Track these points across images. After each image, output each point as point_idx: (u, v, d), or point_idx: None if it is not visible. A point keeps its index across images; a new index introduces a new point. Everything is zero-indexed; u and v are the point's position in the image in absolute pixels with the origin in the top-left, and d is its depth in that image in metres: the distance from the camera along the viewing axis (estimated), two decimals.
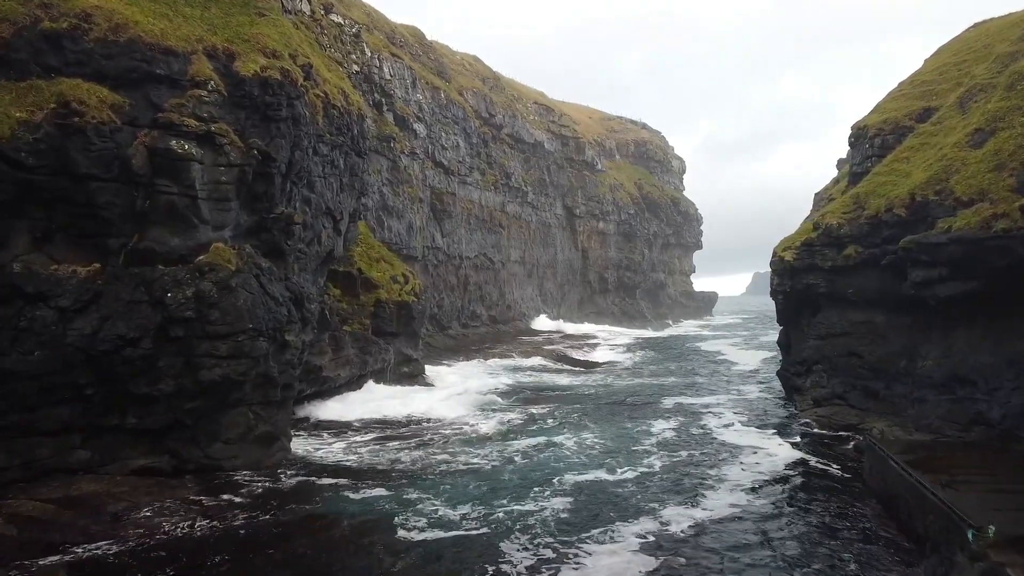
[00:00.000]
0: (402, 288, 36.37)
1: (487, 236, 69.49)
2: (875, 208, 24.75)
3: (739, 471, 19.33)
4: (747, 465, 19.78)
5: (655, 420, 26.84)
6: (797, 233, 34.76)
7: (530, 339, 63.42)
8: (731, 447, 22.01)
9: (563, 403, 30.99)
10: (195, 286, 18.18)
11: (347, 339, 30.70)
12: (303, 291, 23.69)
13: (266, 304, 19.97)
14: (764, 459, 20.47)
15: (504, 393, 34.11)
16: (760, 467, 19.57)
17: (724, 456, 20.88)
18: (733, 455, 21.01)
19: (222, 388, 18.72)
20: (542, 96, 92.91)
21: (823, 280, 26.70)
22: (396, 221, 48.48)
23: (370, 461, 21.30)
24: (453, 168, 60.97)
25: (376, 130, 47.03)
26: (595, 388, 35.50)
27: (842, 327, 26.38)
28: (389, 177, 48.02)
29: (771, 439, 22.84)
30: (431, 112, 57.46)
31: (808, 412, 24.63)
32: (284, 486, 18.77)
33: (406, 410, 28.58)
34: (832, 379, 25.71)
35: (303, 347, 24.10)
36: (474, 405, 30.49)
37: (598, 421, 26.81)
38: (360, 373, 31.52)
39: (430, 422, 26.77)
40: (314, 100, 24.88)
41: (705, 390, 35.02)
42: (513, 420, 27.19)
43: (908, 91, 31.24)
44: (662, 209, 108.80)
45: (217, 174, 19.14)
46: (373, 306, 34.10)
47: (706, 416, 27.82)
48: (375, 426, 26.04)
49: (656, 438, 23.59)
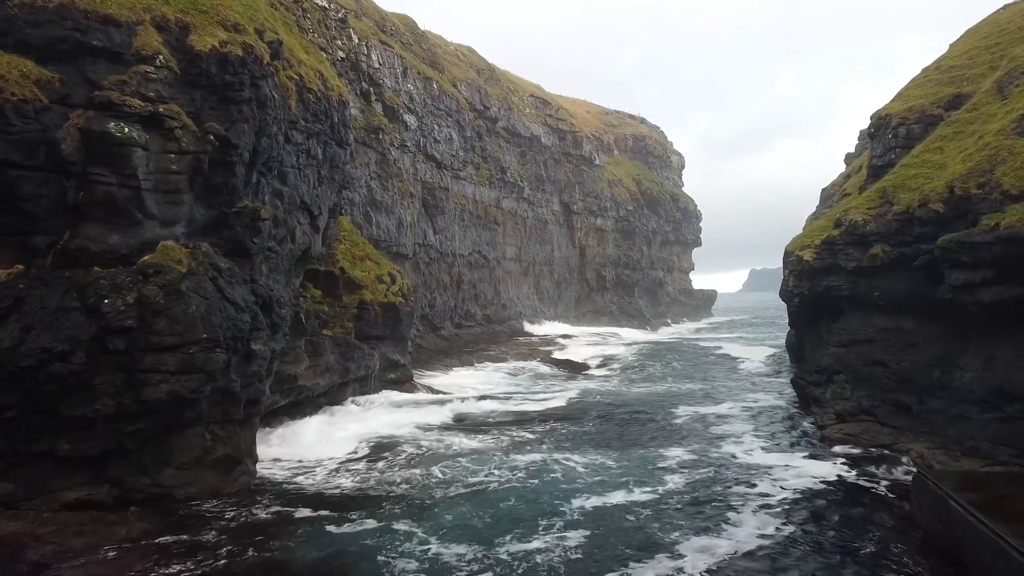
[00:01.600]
0: (388, 288, 33.99)
1: (481, 233, 67.09)
2: (906, 203, 22.43)
3: (765, 498, 17.01)
4: (773, 492, 17.42)
5: (666, 434, 24.44)
6: (814, 230, 32.46)
7: (526, 340, 61.13)
8: (753, 468, 19.68)
9: (566, 414, 28.49)
10: (138, 291, 15.76)
11: (327, 344, 28.30)
12: (273, 294, 21.29)
13: (224, 310, 17.56)
14: (792, 482, 18.14)
15: (500, 400, 31.75)
16: (788, 494, 17.22)
17: (746, 479, 18.55)
18: (756, 477, 18.69)
19: (170, 407, 16.33)
20: (538, 89, 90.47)
21: (846, 282, 24.38)
22: (385, 217, 46.06)
23: (355, 486, 18.92)
24: (446, 162, 58.52)
25: (364, 121, 44.61)
26: (598, 396, 33.07)
27: (866, 334, 24.08)
28: (377, 171, 45.58)
29: (796, 459, 20.49)
30: (423, 103, 54.99)
31: (833, 428, 22.31)
32: (252, 520, 16.37)
33: (394, 423, 26.20)
34: (856, 391, 23.40)
35: (273, 356, 21.75)
36: (468, 416, 28.12)
37: (605, 435, 24.42)
38: (342, 381, 29.14)
39: (421, 437, 24.35)
40: (285, 82, 22.47)
41: (713, 399, 32.70)
42: (512, 434, 24.76)
43: (934, 77, 28.92)
44: (661, 205, 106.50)
45: (166, 162, 16.71)
46: (357, 308, 31.72)
47: (720, 429, 25.48)
48: (359, 443, 23.62)
49: (669, 455, 21.23)
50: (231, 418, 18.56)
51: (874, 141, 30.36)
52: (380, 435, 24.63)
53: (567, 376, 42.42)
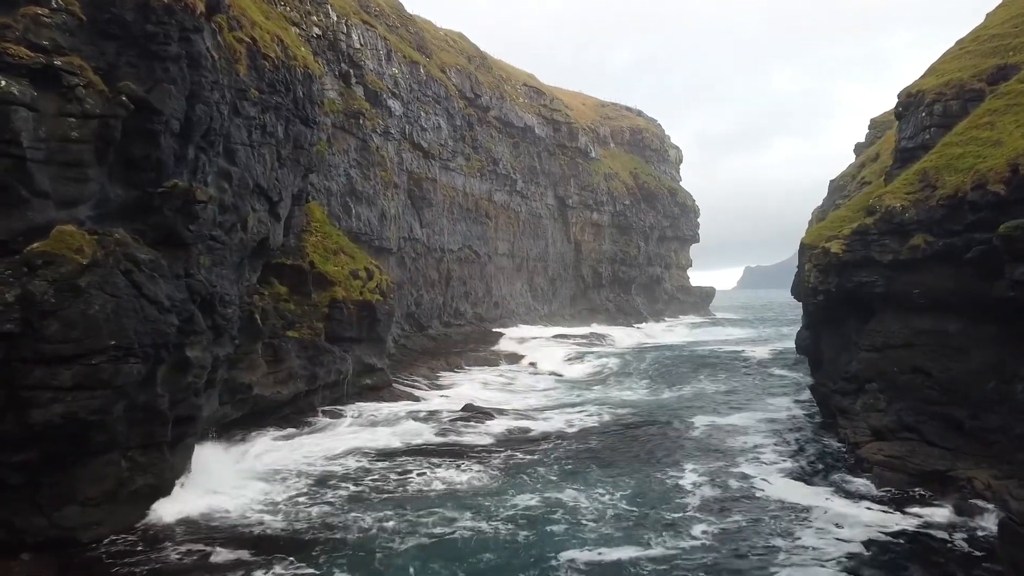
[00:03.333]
0: (364, 285, 30.79)
1: (472, 227, 63.87)
2: (954, 186, 19.37)
3: (807, 551, 13.88)
4: (821, 547, 14.05)
5: (680, 461, 20.74)
6: (835, 221, 29.39)
7: (519, 342, 57.94)
8: (788, 508, 16.40)
9: (564, 435, 24.69)
10: (21, 287, 12.57)
11: (291, 348, 25.13)
12: (216, 291, 18.12)
13: (142, 311, 14.37)
14: (842, 532, 14.89)
15: (487, 412, 28.50)
16: (841, 550, 13.88)
17: (785, 527, 15.24)
18: (796, 523, 15.45)
19: (68, 431, 13.16)
20: (532, 79, 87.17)
21: (880, 277, 21.33)
22: (366, 208, 42.82)
23: (293, 522, 15.77)
24: (434, 151, 55.27)
25: (343, 104, 41.36)
26: (599, 411, 29.64)
27: (904, 336, 21.03)
28: (358, 158, 42.33)
29: (836, 495, 17.28)
30: (408, 88, 51.71)
31: (870, 447, 19.21)
32: (160, 566, 13.29)
33: (359, 442, 22.98)
34: (894, 403, 20.33)
35: (218, 364, 18.58)
36: (449, 433, 24.76)
37: (611, 465, 20.54)
38: (308, 389, 25.99)
39: (388, 461, 20.99)
40: (232, 43, 19.25)
41: (728, 407, 29.60)
42: (501, 458, 21.29)
43: (972, 48, 25.86)
44: (659, 200, 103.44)
45: (64, 128, 13.49)
46: (328, 307, 28.51)
47: (737, 444, 22.36)
48: (310, 466, 20.40)
49: (686, 490, 17.81)
50: (156, 441, 15.40)
51: (902, 122, 27.27)
52: (341, 457, 21.26)
53: (566, 385, 39.16)
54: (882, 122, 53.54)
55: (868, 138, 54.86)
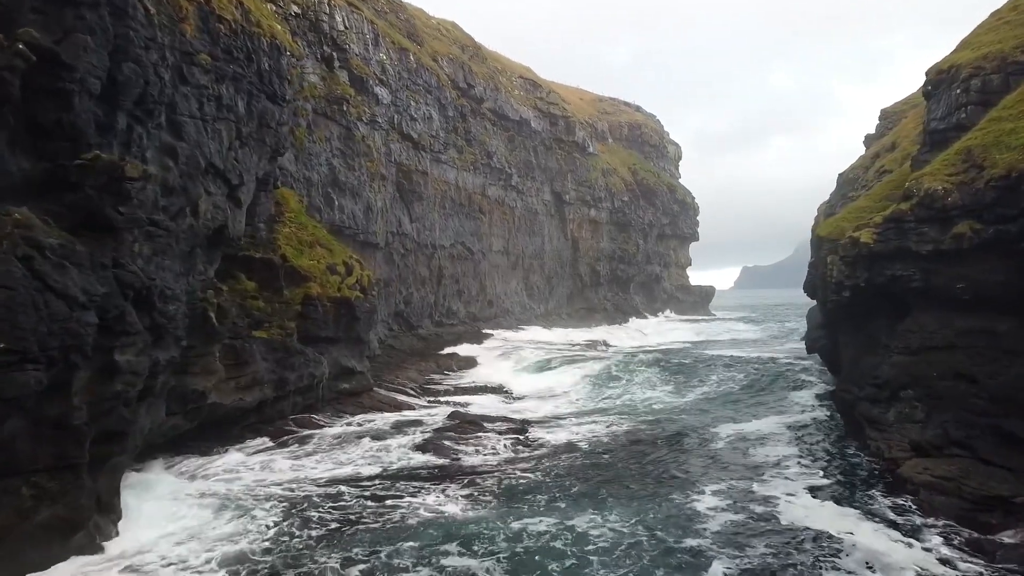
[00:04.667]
0: (343, 280, 28.25)
1: (465, 222, 61.32)
2: (1006, 165, 16.88)
3: None
4: None
5: (697, 479, 18.21)
6: (854, 211, 26.97)
7: (514, 343, 55.45)
8: (816, 536, 13.92)
9: (568, 448, 21.88)
10: None
11: (256, 350, 22.58)
12: (154, 285, 15.58)
13: (47, 307, 11.83)
14: (877, 559, 12.54)
15: (476, 427, 25.84)
16: None
17: (810, 555, 12.87)
18: (823, 553, 13.05)
19: None
20: (528, 71, 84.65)
21: (918, 270, 18.83)
22: (350, 200, 40.26)
23: (241, 565, 13.23)
24: (424, 142, 52.71)
25: (324, 89, 38.82)
26: (602, 416, 27.12)
27: (945, 337, 18.54)
28: (341, 147, 39.76)
29: (870, 517, 14.84)
30: (397, 76, 49.16)
31: (912, 465, 16.71)
32: None
33: (327, 462, 20.33)
34: (936, 413, 17.83)
35: (158, 369, 16.04)
36: (434, 450, 21.74)
37: (622, 485, 17.79)
38: (276, 395, 23.46)
39: (361, 485, 18.16)
40: None
41: (744, 411, 27.12)
42: (496, 480, 18.36)
43: (1012, 18, 23.42)
44: (658, 196, 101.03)
45: None
46: (300, 304, 25.96)
47: (761, 466, 19.65)
48: (269, 491, 17.76)
49: (706, 516, 15.26)
50: (70, 462, 12.85)
51: (932, 101, 24.80)
52: (308, 481, 18.44)
53: (567, 394, 36.60)
54: (893, 112, 51.50)
55: (879, 129, 52.68)
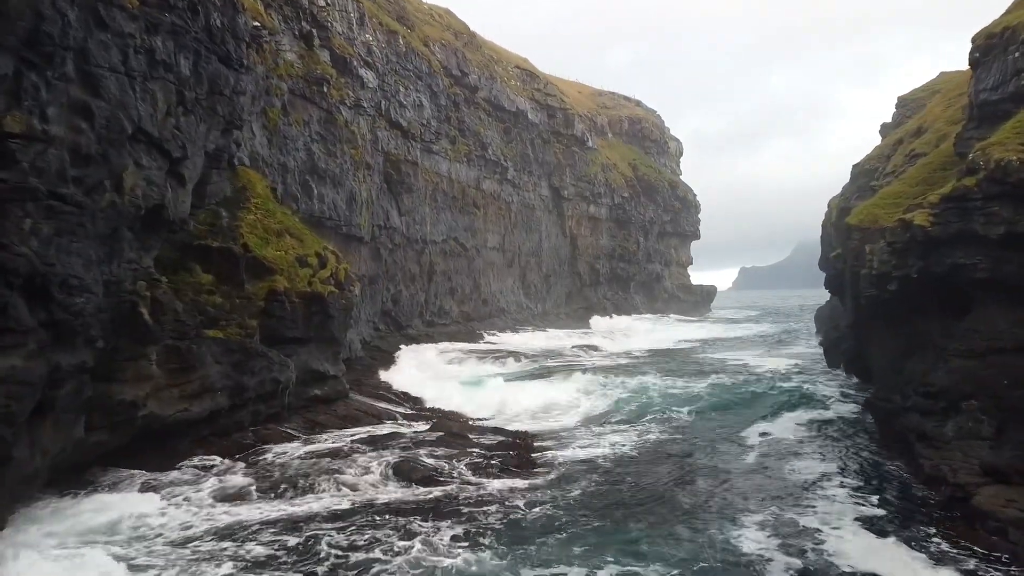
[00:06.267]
0: (315, 274, 25.20)
1: (458, 217, 58.32)
2: None
3: None
4: None
5: (733, 511, 14.86)
6: (891, 196, 24.03)
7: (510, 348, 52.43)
8: None
9: (578, 466, 18.78)
10: None
11: (206, 352, 19.50)
12: (53, 271, 12.55)
13: None
14: None
15: (465, 441, 22.78)
16: None
17: None
18: None
19: None
20: (525, 62, 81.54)
21: (984, 258, 15.86)
22: (331, 189, 37.19)
23: None
24: (414, 131, 49.67)
25: (302, 68, 35.72)
26: (608, 429, 23.94)
27: (1016, 337, 15.58)
28: (321, 131, 36.69)
29: (943, 564, 11.83)
30: (385, 59, 46.12)
31: (989, 496, 13.63)
32: None
33: (283, 494, 16.93)
34: (1010, 429, 14.85)
35: (62, 377, 13.00)
36: (414, 474, 17.92)
37: (650, 519, 14.53)
38: (232, 403, 20.41)
39: (323, 528, 14.38)
40: None
41: (768, 420, 24.08)
42: (493, 518, 14.60)
43: None
44: (659, 193, 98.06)
45: None
46: (264, 300, 22.89)
47: (804, 490, 16.42)
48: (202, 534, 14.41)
49: (756, 562, 12.28)
50: None
51: (980, 70, 21.81)
52: (254, 524, 14.56)
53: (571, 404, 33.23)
54: (911, 99, 48.89)
55: (895, 117, 50.02)
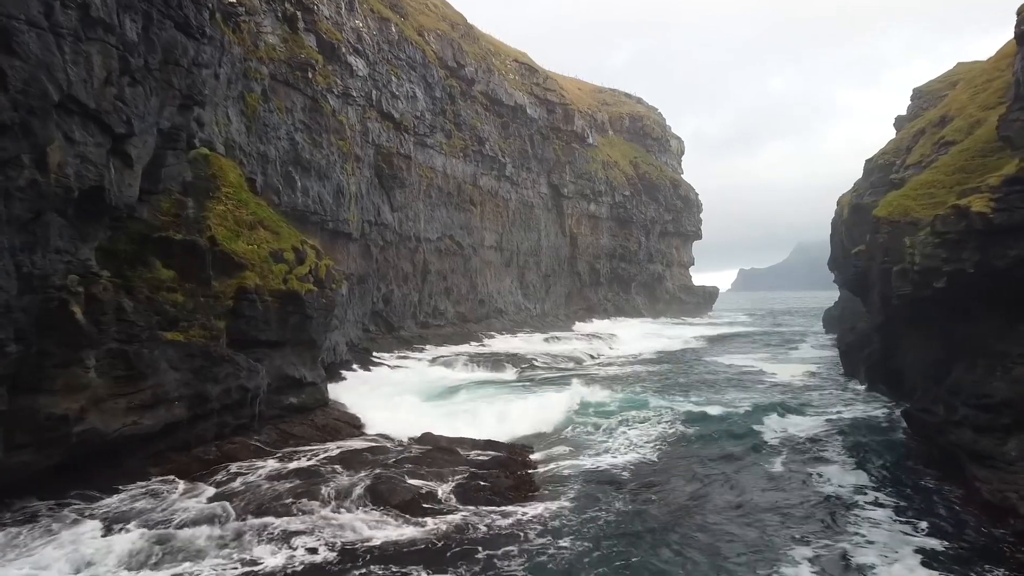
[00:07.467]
0: (291, 270, 22.93)
1: (454, 214, 56.06)
2: None
3: None
4: None
5: (777, 545, 12.78)
6: (925, 185, 21.86)
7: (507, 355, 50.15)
8: None
9: (590, 486, 16.84)
10: None
11: (160, 357, 17.22)
12: None
13: None
14: None
15: (454, 457, 20.63)
16: None
17: None
18: None
19: None
20: (524, 56, 79.30)
21: None
22: (316, 182, 34.95)
23: None
24: (407, 123, 47.45)
25: (286, 52, 33.52)
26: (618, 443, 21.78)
27: None
28: (305, 120, 34.46)
29: None
30: (376, 47, 43.93)
31: None
32: None
33: (235, 543, 14.31)
34: None
35: None
36: (392, 505, 15.88)
37: (693, 558, 12.39)
38: (193, 414, 18.12)
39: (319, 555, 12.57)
40: None
41: (791, 431, 21.79)
42: (524, 556, 12.44)
43: None
44: (660, 191, 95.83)
45: None
46: (233, 298, 20.61)
47: (852, 516, 14.26)
48: None
49: None
50: None
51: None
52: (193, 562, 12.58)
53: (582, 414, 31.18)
54: (928, 91, 46.93)
55: (911, 109, 48.01)
